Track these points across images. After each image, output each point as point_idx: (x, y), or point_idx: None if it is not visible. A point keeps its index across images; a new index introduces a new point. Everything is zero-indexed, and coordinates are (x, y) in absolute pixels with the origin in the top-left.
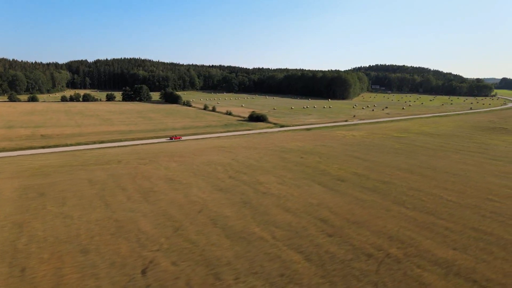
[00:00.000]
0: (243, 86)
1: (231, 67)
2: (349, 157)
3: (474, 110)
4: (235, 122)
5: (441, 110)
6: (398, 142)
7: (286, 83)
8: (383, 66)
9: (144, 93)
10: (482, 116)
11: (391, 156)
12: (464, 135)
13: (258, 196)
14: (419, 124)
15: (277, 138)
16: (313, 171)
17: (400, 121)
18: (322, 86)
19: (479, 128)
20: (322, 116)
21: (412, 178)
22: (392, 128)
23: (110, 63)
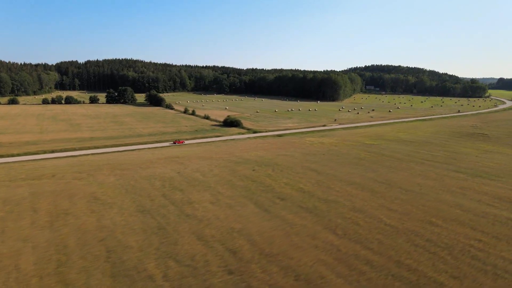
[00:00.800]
0: (234, 87)
1: (225, 67)
2: (304, 169)
3: (462, 113)
4: (208, 127)
5: (428, 113)
6: (366, 151)
7: (277, 84)
8: (379, 66)
9: (128, 95)
10: (467, 120)
11: (350, 168)
12: (439, 142)
13: (179, 220)
14: (398, 129)
15: (241, 147)
16: (256, 187)
17: (380, 126)
18: (312, 88)
19: (458, 134)
20: (303, 120)
21: (360, 195)
22: (367, 134)
23: (100, 64)
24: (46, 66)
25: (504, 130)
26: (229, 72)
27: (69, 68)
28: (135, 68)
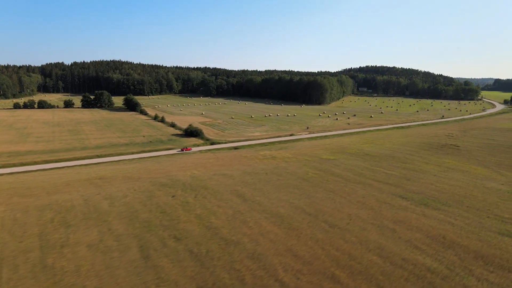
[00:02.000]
0: (221, 89)
1: (216, 69)
2: (232, 194)
3: (446, 118)
4: (167, 137)
5: (410, 119)
6: (316, 169)
7: (264, 87)
8: (373, 67)
9: (105, 99)
10: (446, 127)
11: (285, 193)
12: (402, 156)
13: (29, 275)
14: (366, 140)
15: (183, 163)
16: (160, 221)
17: (351, 135)
18: (299, 91)
19: (427, 146)
20: (274, 128)
21: (273, 233)
22: (330, 146)
23: (86, 66)
24: (30, 68)
25: (479, 141)
26: (219, 74)
27: (53, 70)
28: (121, 70)
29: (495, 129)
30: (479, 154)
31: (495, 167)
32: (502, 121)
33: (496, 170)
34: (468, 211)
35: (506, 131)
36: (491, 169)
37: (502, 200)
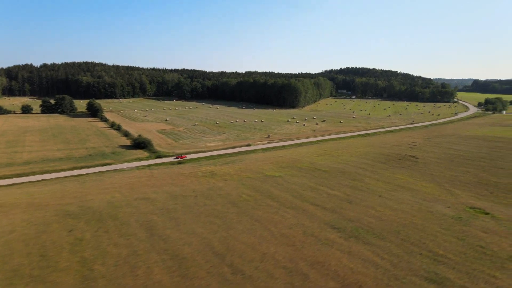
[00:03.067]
0: (196, 92)
1: (194, 71)
2: (142, 227)
3: (415, 124)
4: (110, 150)
5: (379, 124)
6: (254, 190)
7: (238, 90)
8: (353, 69)
9: (66, 104)
10: (412, 134)
11: (201, 224)
12: (354, 171)
13: None
14: (323, 151)
15: (109, 183)
16: (26, 272)
17: (309, 145)
18: (273, 94)
19: (385, 158)
20: (234, 136)
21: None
22: (282, 159)
23: (56, 68)
24: None
25: (440, 151)
26: (196, 76)
27: (20, 73)
28: (93, 72)
29: (460, 136)
30: (435, 168)
31: (448, 183)
32: (470, 126)
33: (447, 188)
34: (401, 246)
35: (471, 138)
36: (443, 187)
37: (442, 230)
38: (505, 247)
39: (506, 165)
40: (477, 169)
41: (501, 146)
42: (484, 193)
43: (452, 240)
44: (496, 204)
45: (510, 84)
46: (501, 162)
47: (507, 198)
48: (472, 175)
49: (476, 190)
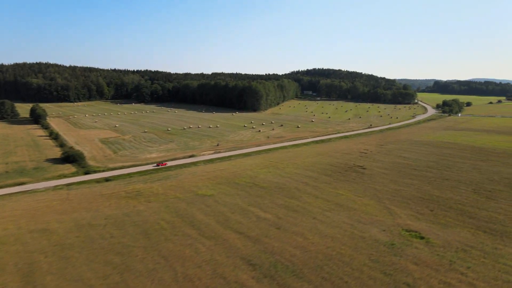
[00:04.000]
0: (156, 95)
1: (157, 72)
2: (16, 273)
3: (372, 128)
4: (34, 165)
5: (337, 129)
6: (176, 214)
7: (200, 93)
8: (320, 70)
9: (7, 109)
10: (366, 141)
11: (92, 267)
12: (295, 186)
13: None
14: (269, 162)
15: (10, 209)
16: None
17: (256, 156)
18: (234, 97)
19: (332, 170)
20: (181, 145)
21: None
22: (222, 173)
23: (4, 69)
24: None
25: (389, 160)
26: (158, 78)
27: None
28: (45, 73)
29: (413, 142)
30: (380, 181)
31: (389, 200)
32: (424, 131)
33: (387, 206)
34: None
35: (422, 145)
36: (383, 205)
37: (371, 262)
38: (434, 284)
39: (452, 175)
40: (422, 181)
41: (450, 153)
42: (424, 211)
43: (378, 277)
44: (434, 225)
45: (468, 85)
46: (447, 172)
47: (446, 217)
48: (416, 189)
49: (417, 208)
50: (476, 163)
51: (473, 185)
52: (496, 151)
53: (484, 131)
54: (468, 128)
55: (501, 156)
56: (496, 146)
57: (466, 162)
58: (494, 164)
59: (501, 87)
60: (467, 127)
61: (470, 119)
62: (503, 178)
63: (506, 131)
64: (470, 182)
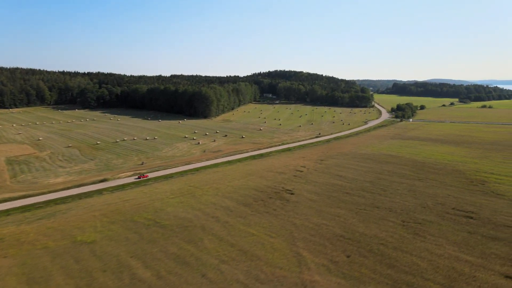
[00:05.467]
0: (103, 100)
1: (110, 74)
2: None
3: (319, 137)
4: None
5: (283, 139)
6: (27, 278)
7: (149, 98)
8: (281, 72)
9: None
10: (307, 154)
11: None
12: (202, 224)
13: None
14: (189, 187)
15: None
16: None
17: (178, 178)
18: (184, 103)
19: (255, 196)
20: (101, 164)
21: None
22: (123, 206)
23: None
24: None
25: (323, 180)
26: (109, 81)
27: None
28: None
29: (355, 156)
30: (303, 212)
31: (304, 241)
32: (371, 140)
33: (299, 252)
34: None
35: (364, 159)
36: (295, 250)
37: None
38: None
39: (384, 201)
40: (351, 209)
41: (389, 170)
42: (340, 258)
43: None
44: (345, 281)
45: (424, 86)
46: (381, 196)
47: (362, 267)
48: (340, 223)
49: (333, 253)
50: (413, 183)
51: (404, 214)
52: (437, 166)
53: (430, 140)
54: (415, 137)
55: (440, 173)
56: (437, 159)
57: (403, 182)
58: (431, 184)
59: (454, 88)
60: (415, 135)
61: (420, 125)
62: (436, 204)
63: (451, 140)
64: (401, 210)
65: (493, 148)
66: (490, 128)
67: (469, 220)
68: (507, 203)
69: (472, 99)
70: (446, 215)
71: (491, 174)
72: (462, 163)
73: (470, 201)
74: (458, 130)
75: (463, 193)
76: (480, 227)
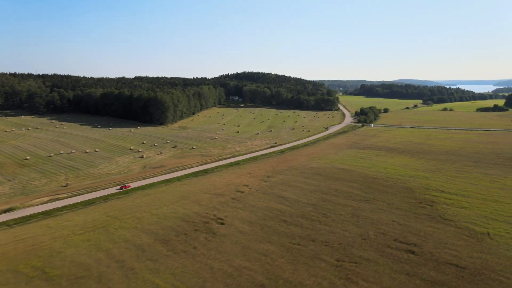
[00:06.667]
0: (53, 105)
1: (68, 77)
2: None
3: (274, 147)
4: None
5: (236, 149)
6: None
7: (103, 103)
8: (249, 73)
9: None
10: (254, 169)
11: None
12: (98, 272)
13: None
14: (105, 218)
15: None
16: None
17: (99, 205)
18: (139, 109)
19: (177, 229)
20: (17, 187)
21: None
22: (13, 249)
23: None
24: None
25: (262, 203)
26: (63, 85)
27: None
28: None
29: (306, 170)
30: (227, 250)
31: None
32: (327, 150)
33: None
34: None
35: (314, 174)
36: None
37: None
38: None
39: (323, 230)
40: (283, 245)
41: (337, 188)
42: None
43: None
44: None
45: (390, 88)
46: (321, 224)
47: None
48: (266, 265)
49: None
50: (359, 205)
51: (341, 250)
52: (388, 182)
53: (386, 150)
54: (372, 146)
55: (389, 191)
56: (389, 174)
57: (348, 204)
58: (378, 207)
59: (419, 90)
60: (372, 143)
61: (380, 131)
62: (378, 233)
63: (407, 149)
64: (339, 244)
65: (447, 159)
66: (448, 134)
67: (410, 256)
68: (453, 232)
69: (435, 101)
70: (386, 249)
71: (441, 193)
72: (414, 179)
73: (415, 229)
74: (416, 137)
75: (409, 218)
76: (421, 266)
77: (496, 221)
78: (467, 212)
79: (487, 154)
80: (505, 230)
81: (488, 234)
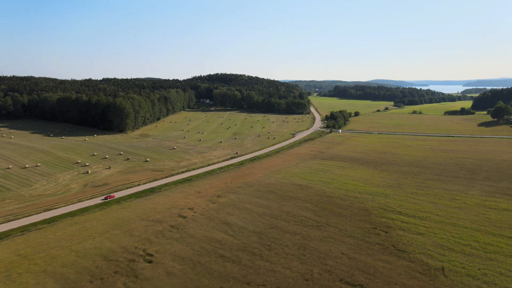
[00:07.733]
0: (5, 111)
1: (27, 79)
2: None
3: (234, 158)
4: None
5: (194, 161)
6: None
7: (59, 108)
8: (222, 75)
9: None
10: (205, 186)
11: None
12: None
13: None
14: (13, 258)
15: None
16: None
17: (21, 234)
18: (97, 115)
19: (93, 272)
20: None
21: None
22: None
23: None
24: None
25: (202, 232)
26: (20, 88)
27: None
28: None
29: (261, 187)
30: None
31: None
32: (289, 161)
33: None
34: None
35: (268, 193)
36: None
37: None
38: None
39: (262, 270)
40: None
41: (289, 211)
42: None
43: None
44: None
45: (363, 90)
46: (262, 260)
47: None
48: None
49: None
50: (309, 233)
51: None
52: (344, 202)
53: (350, 161)
54: (336, 156)
55: (345, 214)
56: (348, 191)
57: (298, 232)
58: (329, 235)
59: (391, 92)
60: (337, 153)
61: (347, 137)
62: (323, 272)
63: (371, 159)
64: (276, 287)
65: (410, 172)
66: (414, 141)
67: None
68: (405, 268)
69: (405, 103)
70: None
71: (398, 215)
72: (372, 197)
73: (365, 264)
74: (382, 145)
75: (360, 250)
76: None
77: (452, 251)
78: (423, 240)
79: (450, 165)
80: (460, 264)
81: (442, 270)
